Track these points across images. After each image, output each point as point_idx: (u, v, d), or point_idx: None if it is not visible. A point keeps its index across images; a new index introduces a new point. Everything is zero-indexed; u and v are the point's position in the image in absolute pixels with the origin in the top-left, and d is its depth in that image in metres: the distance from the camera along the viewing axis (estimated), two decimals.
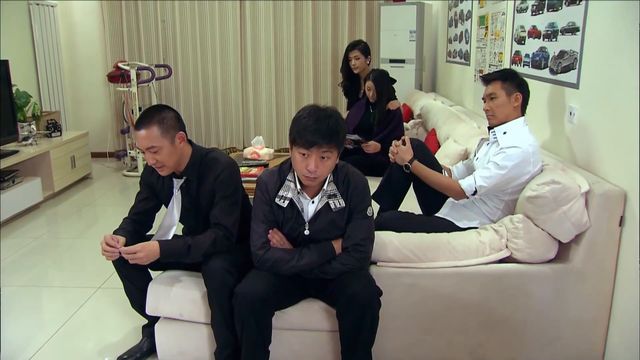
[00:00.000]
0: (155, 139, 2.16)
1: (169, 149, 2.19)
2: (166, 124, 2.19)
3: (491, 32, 3.99)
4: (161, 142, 2.17)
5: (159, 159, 2.19)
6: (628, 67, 2.14)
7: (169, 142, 2.19)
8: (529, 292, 2.28)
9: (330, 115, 2.00)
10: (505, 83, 2.47)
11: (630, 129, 2.13)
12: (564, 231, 2.22)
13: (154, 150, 2.17)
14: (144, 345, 2.54)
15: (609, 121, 2.31)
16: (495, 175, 2.39)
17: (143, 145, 2.17)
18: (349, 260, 2.12)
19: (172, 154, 2.21)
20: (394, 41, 5.88)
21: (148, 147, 2.16)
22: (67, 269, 3.68)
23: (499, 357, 2.36)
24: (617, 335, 2.27)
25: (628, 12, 2.14)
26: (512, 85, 2.47)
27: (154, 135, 2.16)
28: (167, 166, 2.23)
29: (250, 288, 2.07)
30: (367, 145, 3.98)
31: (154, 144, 2.16)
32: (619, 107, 2.23)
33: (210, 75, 6.63)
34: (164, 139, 2.17)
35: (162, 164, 2.21)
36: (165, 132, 2.18)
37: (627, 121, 2.15)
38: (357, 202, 2.15)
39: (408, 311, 2.30)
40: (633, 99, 2.11)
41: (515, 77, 2.50)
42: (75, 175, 5.53)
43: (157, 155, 2.18)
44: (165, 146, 2.18)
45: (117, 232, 2.32)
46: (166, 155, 2.19)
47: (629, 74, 2.14)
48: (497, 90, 2.48)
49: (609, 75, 2.31)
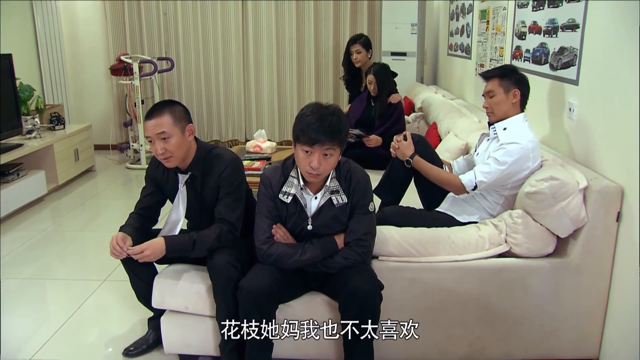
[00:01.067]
0: (167, 125, 2.20)
1: (179, 138, 2.23)
2: (177, 115, 2.24)
3: (492, 26, 4.01)
4: (172, 130, 2.21)
5: (168, 148, 2.22)
6: (627, 65, 2.17)
7: (180, 132, 2.24)
8: (527, 286, 2.32)
9: (333, 113, 2.04)
10: (502, 80, 2.50)
11: (628, 126, 2.16)
12: (562, 226, 2.25)
13: (164, 136, 2.20)
14: (150, 337, 2.59)
15: (608, 118, 2.34)
16: (495, 170, 2.43)
17: (154, 130, 2.20)
18: (351, 254, 2.17)
19: (181, 144, 2.25)
20: (396, 34, 5.90)
21: (159, 133, 2.19)
22: (72, 262, 3.73)
23: (497, 350, 2.41)
24: (613, 328, 2.31)
25: (627, 11, 2.16)
26: (510, 82, 2.49)
27: (165, 122, 2.20)
28: (175, 156, 2.25)
29: (255, 282, 2.12)
30: (368, 139, 4.01)
31: (164, 129, 2.20)
32: (617, 104, 2.26)
33: (212, 68, 6.65)
34: (175, 127, 2.22)
35: (170, 154, 2.24)
36: (177, 121, 2.23)
37: (625, 118, 2.18)
38: (359, 198, 2.19)
39: (409, 304, 2.34)
40: (631, 97, 2.14)
41: (514, 73, 2.52)
42: (78, 168, 5.57)
43: (167, 144, 2.21)
44: (175, 135, 2.22)
45: (123, 228, 2.36)
46: (175, 145, 2.23)
47: (627, 72, 2.17)
48: (495, 88, 2.51)
49: (608, 72, 2.34)
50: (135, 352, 2.55)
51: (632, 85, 2.13)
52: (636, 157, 2.11)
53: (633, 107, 2.13)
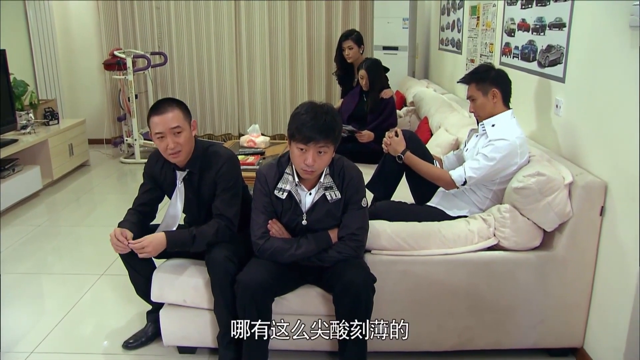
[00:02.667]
0: (181, 119, 2.27)
1: (189, 132, 2.31)
2: (185, 110, 2.31)
3: (482, 22, 4.07)
4: (184, 125, 2.28)
5: (180, 141, 2.28)
6: (611, 64, 2.24)
7: (189, 127, 2.31)
8: (515, 278, 2.40)
9: (327, 112, 2.10)
10: (479, 84, 2.57)
11: (612, 123, 2.24)
12: (548, 220, 2.33)
13: (178, 130, 2.26)
14: (149, 330, 2.65)
15: (592, 115, 2.41)
16: (484, 166, 2.49)
17: (169, 124, 2.24)
18: (345, 248, 2.24)
19: (190, 139, 2.33)
20: (387, 28, 5.95)
21: (174, 127, 2.25)
22: (69, 257, 3.78)
23: (486, 340, 2.49)
24: (597, 318, 2.39)
25: (612, 12, 2.23)
26: (486, 84, 2.55)
27: (179, 116, 2.27)
28: (184, 151, 2.31)
29: (251, 276, 2.19)
30: (361, 135, 4.07)
31: (179, 123, 2.26)
32: (602, 102, 2.33)
33: (205, 62, 6.67)
34: (186, 121, 2.30)
35: (180, 148, 2.29)
36: (187, 115, 2.31)
37: (610, 116, 2.26)
38: (352, 194, 2.26)
39: (401, 297, 2.41)
40: (615, 95, 2.21)
41: (488, 73, 2.58)
42: (73, 162, 5.60)
43: (179, 138, 2.27)
44: (186, 129, 2.29)
45: (122, 224, 2.41)
46: (186, 139, 2.29)
47: (612, 71, 2.24)
48: (474, 92, 2.58)
49: (593, 71, 2.40)
50: (135, 344, 2.61)
51: (617, 83, 2.21)
52: (619, 154, 2.19)
53: (616, 105, 2.21)
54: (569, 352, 2.54)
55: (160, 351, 2.59)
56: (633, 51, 2.07)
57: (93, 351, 2.66)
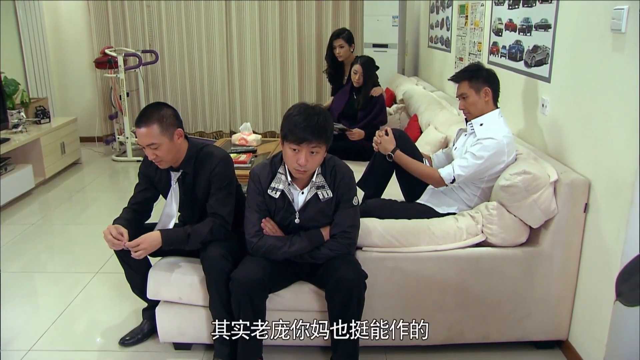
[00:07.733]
0: (156, 136, 2.28)
1: (167, 145, 2.32)
2: (166, 122, 2.31)
3: (471, 21, 4.13)
4: (161, 140, 2.29)
5: (159, 154, 2.32)
6: (595, 64, 2.31)
7: (168, 139, 2.32)
8: (502, 274, 2.47)
9: (319, 113, 2.15)
10: (472, 82, 2.62)
11: (595, 123, 2.31)
12: (534, 217, 2.40)
13: (154, 147, 2.30)
14: (145, 327, 2.70)
15: (577, 114, 2.47)
16: (472, 164, 2.55)
17: (144, 142, 2.30)
18: (337, 246, 2.30)
19: (170, 149, 2.34)
20: (377, 26, 6.00)
21: (149, 144, 2.29)
22: (64, 255, 3.80)
23: (474, 333, 2.55)
24: (581, 311, 2.46)
25: (595, 15, 2.30)
26: (479, 82, 2.61)
27: (154, 133, 2.28)
28: (166, 160, 2.37)
29: (246, 273, 2.24)
30: (351, 132, 4.13)
31: (154, 141, 2.28)
32: (586, 102, 2.39)
33: (196, 60, 6.68)
34: (163, 136, 2.30)
35: (161, 159, 2.34)
36: (165, 129, 2.31)
37: (593, 115, 2.32)
38: (343, 193, 2.31)
39: (391, 292, 2.47)
40: (598, 95, 2.28)
41: (481, 72, 2.64)
42: (65, 161, 5.61)
43: (157, 151, 2.31)
44: (164, 143, 2.31)
45: (117, 221, 2.45)
46: (165, 151, 2.32)
47: (596, 71, 2.30)
48: (466, 90, 2.63)
49: (578, 71, 2.47)
50: (131, 341, 2.66)
51: (600, 84, 2.27)
52: (602, 152, 2.25)
53: (600, 106, 2.27)
54: (555, 345, 2.61)
55: (156, 348, 2.64)
56: (615, 54, 2.13)
57: (90, 348, 2.70)
